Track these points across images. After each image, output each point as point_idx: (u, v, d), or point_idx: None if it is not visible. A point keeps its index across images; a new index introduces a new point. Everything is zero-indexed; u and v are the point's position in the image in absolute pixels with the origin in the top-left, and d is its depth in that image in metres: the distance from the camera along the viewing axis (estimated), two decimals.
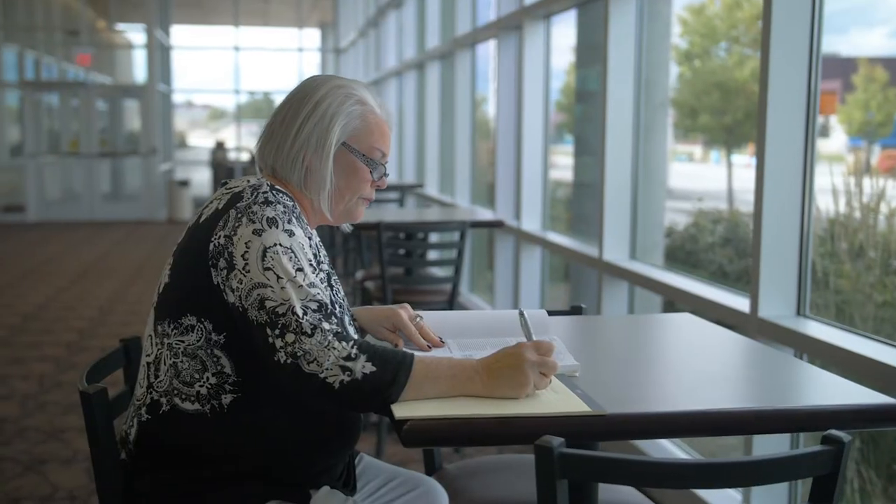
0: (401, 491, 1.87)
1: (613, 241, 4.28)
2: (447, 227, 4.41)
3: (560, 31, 5.76)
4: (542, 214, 5.62)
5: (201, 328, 1.66)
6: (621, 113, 4.23)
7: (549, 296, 6.10)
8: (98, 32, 18.26)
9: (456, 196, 7.64)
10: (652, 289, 3.84)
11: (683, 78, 7.30)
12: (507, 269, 6.15)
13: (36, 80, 16.32)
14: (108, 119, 16.32)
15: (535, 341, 1.57)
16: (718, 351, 1.88)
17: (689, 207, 7.02)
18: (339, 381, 1.52)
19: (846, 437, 1.27)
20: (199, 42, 24.48)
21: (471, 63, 7.42)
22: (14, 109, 16.40)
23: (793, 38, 2.88)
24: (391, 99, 11.35)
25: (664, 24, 4.80)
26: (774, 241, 2.95)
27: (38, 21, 16.40)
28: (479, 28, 6.74)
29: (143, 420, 1.70)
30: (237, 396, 1.66)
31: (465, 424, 1.40)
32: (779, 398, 1.57)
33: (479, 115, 7.89)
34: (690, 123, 7.70)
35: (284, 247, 1.63)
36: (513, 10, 5.69)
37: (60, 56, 17.13)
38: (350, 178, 1.81)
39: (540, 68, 5.52)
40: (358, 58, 15.33)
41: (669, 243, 6.70)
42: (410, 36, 9.83)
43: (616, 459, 1.22)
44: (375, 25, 12.55)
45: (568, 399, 1.47)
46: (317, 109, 1.77)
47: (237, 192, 1.72)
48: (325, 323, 1.58)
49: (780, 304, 2.98)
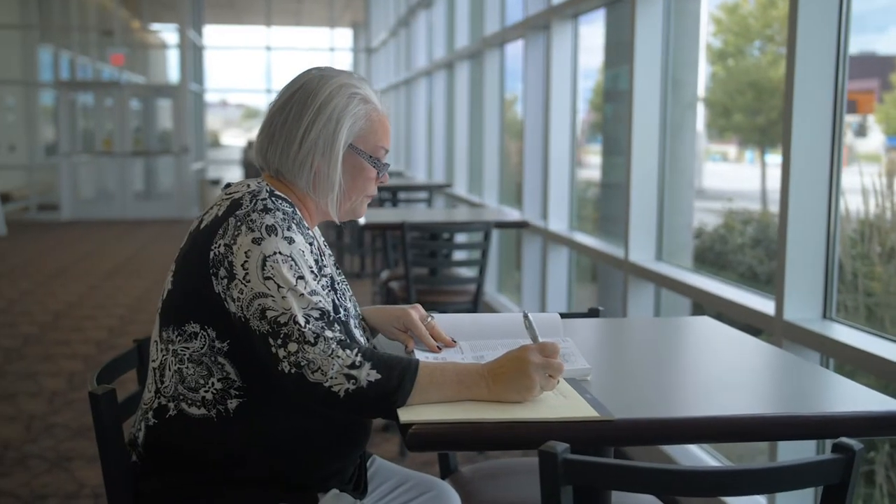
0: (412, 494, 1.86)
1: (639, 241, 4.24)
2: (471, 227, 4.39)
3: (594, 31, 5.73)
4: (569, 215, 5.58)
5: (204, 335, 1.65)
6: (648, 112, 4.20)
7: (576, 296, 6.06)
8: (132, 33, 18.44)
9: (484, 196, 7.62)
10: (676, 290, 3.80)
11: (717, 77, 7.24)
12: (535, 269, 6.13)
13: (71, 80, 16.50)
14: (141, 118, 16.48)
15: (540, 343, 1.55)
16: (735, 356, 1.85)
17: (721, 208, 6.96)
18: (344, 390, 1.52)
19: (857, 446, 1.24)
20: (232, 42, 24.64)
21: (499, 62, 7.39)
22: (50, 109, 16.61)
23: (820, 37, 2.83)
24: (421, 99, 11.36)
25: (693, 23, 4.75)
26: (800, 243, 2.90)
27: (73, 21, 16.58)
28: (508, 28, 6.72)
29: (150, 424, 1.70)
30: (243, 401, 1.66)
31: (469, 429, 1.39)
32: (791, 404, 1.54)
33: (511, 114, 7.87)
34: (724, 123, 7.63)
35: (284, 255, 1.61)
36: (540, 10, 5.67)
37: (95, 56, 17.32)
38: (357, 179, 1.80)
39: (567, 68, 5.49)
40: (389, 57, 15.36)
41: (699, 244, 6.64)
42: (440, 35, 9.83)
43: (620, 466, 1.20)
44: (406, 25, 12.56)
45: (576, 403, 1.46)
46: (322, 112, 1.74)
47: (236, 198, 1.70)
48: (327, 331, 1.57)
49: (805, 306, 2.94)
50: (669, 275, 3.84)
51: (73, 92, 15.73)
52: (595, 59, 5.98)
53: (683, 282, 3.69)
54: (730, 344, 1.93)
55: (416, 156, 11.88)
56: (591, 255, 4.94)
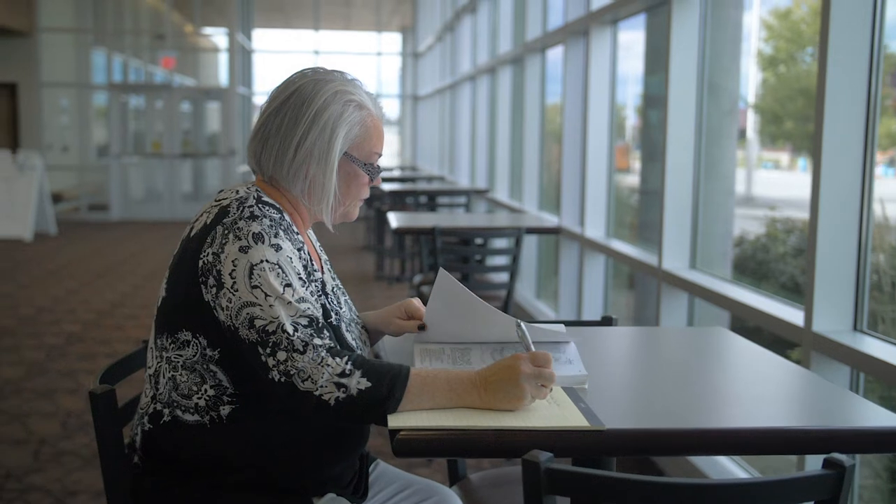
0: (413, 500, 1.85)
1: (673, 249, 4.20)
2: (502, 233, 4.38)
3: (638, 37, 5.68)
4: (605, 221, 5.54)
5: (196, 344, 1.66)
6: (683, 119, 4.16)
7: (614, 304, 6.02)
8: (184, 36, 18.69)
9: (524, 201, 7.60)
10: (707, 299, 3.75)
11: (767, 83, 7.13)
12: (572, 276, 6.09)
13: (123, 82, 16.77)
14: (191, 120, 16.69)
15: (532, 353, 1.54)
16: (741, 367, 1.82)
17: (765, 216, 6.85)
18: (334, 398, 1.52)
19: (849, 461, 1.21)
20: (281, 46, 24.86)
21: (541, 68, 7.37)
22: (102, 111, 16.89)
23: (852, 39, 2.78)
24: (465, 104, 11.36)
25: (735, 30, 4.70)
26: (830, 252, 2.85)
27: (126, 26, 16.85)
28: (549, 33, 6.70)
29: (146, 429, 1.71)
30: (235, 408, 1.66)
31: (457, 436, 1.38)
32: (789, 418, 1.51)
33: (555, 120, 7.84)
34: (775, 130, 7.51)
35: (271, 263, 1.61)
36: (580, 16, 5.64)
37: (147, 59, 17.59)
38: (351, 186, 1.80)
39: (606, 74, 5.45)
40: (434, 62, 15.39)
41: (739, 253, 6.54)
42: (484, 40, 9.82)
43: (603, 477, 1.18)
44: (451, 30, 12.58)
45: (568, 413, 1.44)
46: (317, 120, 1.73)
47: (224, 205, 1.70)
48: (316, 338, 1.57)
49: (835, 318, 2.88)
50: (701, 283, 3.79)
51: (124, 94, 15.99)
52: (641, 64, 5.94)
53: (713, 290, 3.64)
54: (741, 356, 1.90)
55: (459, 161, 11.89)
56: (626, 262, 4.89)
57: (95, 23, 16.46)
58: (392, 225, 4.51)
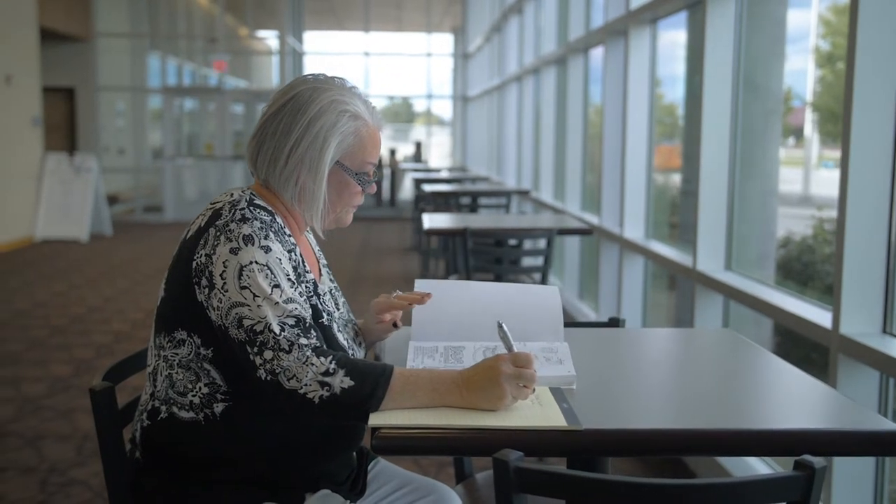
0: (411, 498, 1.88)
1: (708, 250, 4.16)
2: (533, 234, 4.37)
3: (682, 36, 5.63)
4: (644, 222, 5.51)
5: (191, 342, 1.71)
6: (718, 118, 4.12)
7: (654, 305, 5.97)
8: (237, 39, 18.95)
9: (566, 202, 7.57)
10: (737, 299, 3.71)
11: (825, 81, 7.01)
12: (612, 277, 6.06)
13: (177, 85, 17.05)
14: (242, 122, 16.91)
15: (514, 353, 1.55)
16: (738, 369, 1.81)
17: (822, 215, 6.73)
18: (318, 396, 1.55)
19: (819, 463, 1.20)
20: (332, 47, 25.07)
21: (583, 68, 7.34)
22: (157, 114, 17.20)
23: (880, 36, 2.73)
24: (512, 104, 11.36)
25: (779, 28, 4.63)
26: (859, 252, 2.80)
27: (180, 29, 17.14)
28: (590, 33, 6.67)
29: (144, 425, 1.76)
30: (229, 405, 1.70)
31: (436, 434, 1.40)
32: (769, 420, 1.49)
33: (600, 120, 7.80)
34: (833, 129, 7.37)
35: (260, 264, 1.65)
36: (619, 15, 5.61)
37: (200, 62, 17.87)
38: (342, 194, 1.82)
39: (645, 73, 5.41)
40: (483, 63, 15.40)
41: (785, 254, 6.44)
42: (530, 41, 9.81)
43: (572, 476, 1.19)
44: (499, 30, 12.58)
45: (549, 412, 1.45)
46: (311, 128, 1.75)
47: (217, 208, 1.75)
48: (302, 338, 1.60)
49: (864, 320, 2.83)
50: (732, 284, 3.75)
51: (178, 97, 16.25)
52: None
53: (743, 290, 3.60)
54: (740, 358, 1.88)
55: (506, 161, 11.88)
56: (662, 263, 4.86)
57: (150, 27, 16.77)
58: (424, 226, 4.53)
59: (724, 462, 3.60)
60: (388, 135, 23.95)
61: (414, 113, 25.35)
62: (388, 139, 23.43)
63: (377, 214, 16.63)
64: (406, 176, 17.47)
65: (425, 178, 10.79)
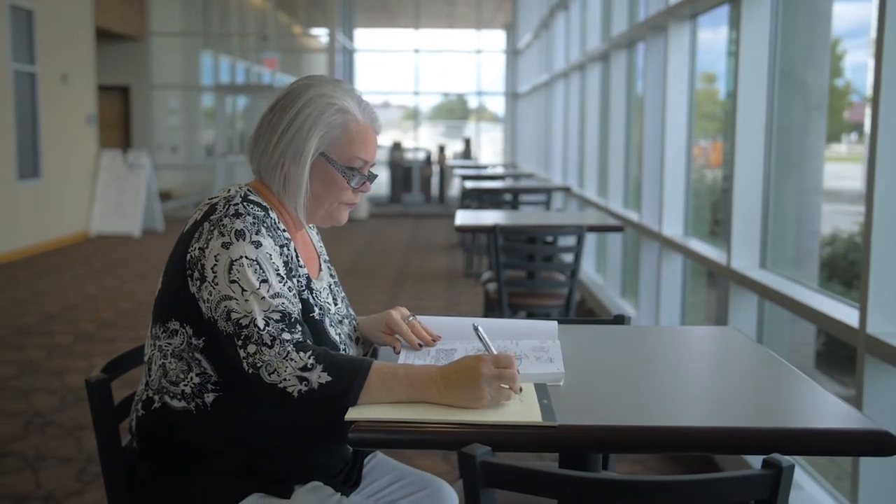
0: (406, 491, 1.89)
1: (742, 247, 4.10)
2: (563, 231, 4.34)
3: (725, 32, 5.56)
4: (683, 220, 5.44)
5: (183, 332, 1.74)
6: (753, 114, 4.05)
7: (695, 303, 5.91)
8: (290, 37, 19.13)
9: (609, 199, 7.52)
10: (770, 298, 3.66)
11: None
12: (651, 274, 6.01)
13: (230, 83, 17.27)
14: None
15: (495, 355, 1.56)
16: (735, 368, 1.78)
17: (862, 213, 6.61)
18: (297, 391, 1.59)
19: (787, 462, 1.18)
20: (382, 45, 25.18)
21: (626, 63, 7.28)
22: (210, 111, 17.44)
23: None
24: (558, 101, 11.31)
25: (824, 23, 4.54)
26: (886, 248, 2.74)
27: (232, 28, 17.35)
28: (632, 28, 6.61)
29: (139, 415, 1.80)
30: (219, 395, 1.73)
31: (411, 429, 1.41)
32: (749, 418, 1.46)
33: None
34: None
35: (250, 259, 1.68)
36: (659, 10, 5.55)
37: (252, 60, 18.07)
38: (328, 187, 1.83)
39: (685, 69, 5.35)
40: (532, 59, 15.36)
41: (830, 252, 6.32)
42: (575, 37, 9.76)
43: (536, 471, 1.18)
44: (547, 27, 12.53)
45: (527, 408, 1.44)
46: (297, 118, 1.79)
47: (213, 203, 1.78)
48: (285, 333, 1.63)
49: (892, 319, 2.77)
50: (763, 282, 3.69)
51: (230, 95, 16.45)
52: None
53: (771, 287, 3.55)
54: (736, 356, 1.86)
55: (553, 158, 11.84)
56: (699, 260, 4.80)
57: (203, 26, 17.00)
58: (456, 222, 4.54)
59: (754, 461, 3.55)
60: (439, 131, 23.92)
61: (468, 110, 25.34)
62: (440, 136, 23.45)
63: (426, 210, 16.68)
64: (454, 173, 17.51)
65: (470, 175, 10.80)
